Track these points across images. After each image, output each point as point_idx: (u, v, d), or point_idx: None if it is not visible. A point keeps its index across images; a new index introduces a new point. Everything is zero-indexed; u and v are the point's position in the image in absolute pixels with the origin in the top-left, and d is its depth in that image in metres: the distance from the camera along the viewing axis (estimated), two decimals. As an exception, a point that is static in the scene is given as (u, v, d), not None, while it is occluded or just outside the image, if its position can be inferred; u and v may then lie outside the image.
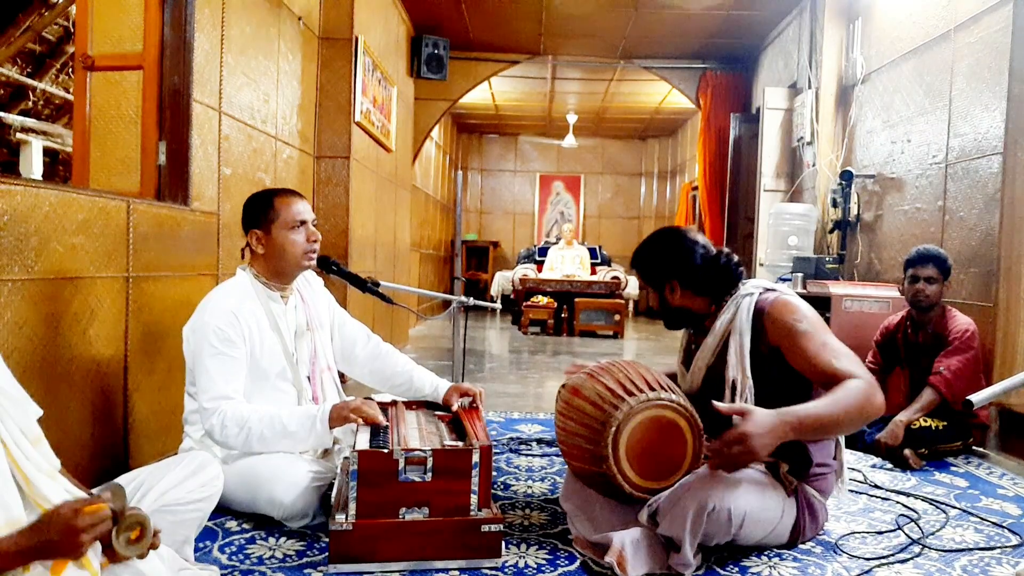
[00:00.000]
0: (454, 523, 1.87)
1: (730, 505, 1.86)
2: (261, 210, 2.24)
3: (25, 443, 1.29)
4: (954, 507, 2.51)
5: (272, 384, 2.26)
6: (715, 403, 1.82)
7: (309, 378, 2.37)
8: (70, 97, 5.70)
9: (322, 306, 2.48)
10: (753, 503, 1.92)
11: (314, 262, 2.32)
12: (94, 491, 1.39)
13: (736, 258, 2.15)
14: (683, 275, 2.12)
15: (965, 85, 3.69)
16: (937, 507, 2.50)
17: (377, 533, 1.84)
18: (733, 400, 2.02)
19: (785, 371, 2.01)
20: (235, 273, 2.32)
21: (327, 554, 1.91)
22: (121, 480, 1.68)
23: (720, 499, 1.85)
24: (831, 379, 1.89)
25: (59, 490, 1.31)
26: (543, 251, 9.66)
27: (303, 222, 2.26)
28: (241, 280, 2.28)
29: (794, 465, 2.05)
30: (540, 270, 9.15)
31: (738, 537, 1.93)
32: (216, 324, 2.13)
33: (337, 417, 2.11)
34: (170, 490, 1.66)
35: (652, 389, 1.93)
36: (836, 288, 4.03)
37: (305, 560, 1.92)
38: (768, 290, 2.11)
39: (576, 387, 2.05)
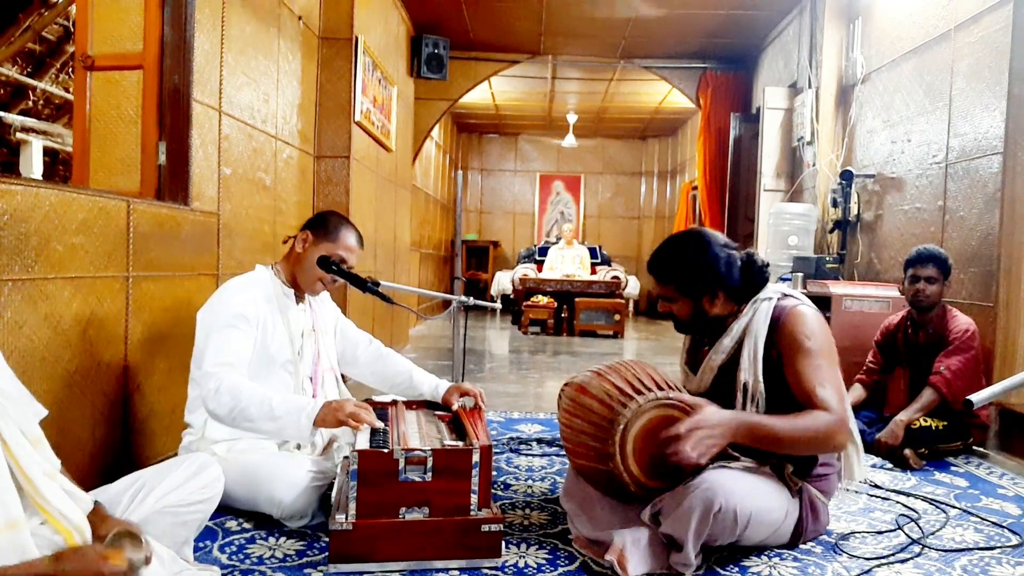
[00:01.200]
0: (454, 523, 1.87)
1: (736, 506, 1.85)
2: (330, 227, 2.36)
3: (25, 443, 1.28)
4: (954, 507, 2.51)
5: (277, 373, 2.31)
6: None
7: (311, 379, 2.41)
8: (70, 97, 5.70)
9: (328, 314, 2.58)
10: (759, 504, 1.92)
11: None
12: (113, 528, 1.36)
13: (761, 259, 2.14)
14: (727, 285, 2.07)
15: (965, 85, 3.69)
16: (937, 507, 2.50)
17: (377, 533, 1.84)
18: (744, 403, 2.02)
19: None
20: (249, 270, 2.40)
21: (327, 554, 1.91)
22: (122, 482, 1.69)
23: (726, 499, 1.83)
24: (807, 402, 1.92)
25: (58, 491, 1.31)
26: (543, 251, 9.65)
27: (343, 263, 2.38)
28: (260, 275, 2.37)
29: (798, 465, 2.05)
30: (540, 270, 9.14)
31: (742, 538, 1.93)
32: (234, 300, 2.22)
33: (330, 418, 2.03)
34: (171, 492, 1.66)
35: (660, 388, 1.93)
36: (836, 288, 4.02)
37: (305, 560, 1.92)
38: (786, 296, 2.11)
39: (583, 385, 2.05)
